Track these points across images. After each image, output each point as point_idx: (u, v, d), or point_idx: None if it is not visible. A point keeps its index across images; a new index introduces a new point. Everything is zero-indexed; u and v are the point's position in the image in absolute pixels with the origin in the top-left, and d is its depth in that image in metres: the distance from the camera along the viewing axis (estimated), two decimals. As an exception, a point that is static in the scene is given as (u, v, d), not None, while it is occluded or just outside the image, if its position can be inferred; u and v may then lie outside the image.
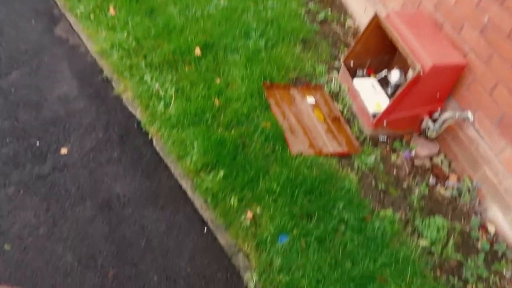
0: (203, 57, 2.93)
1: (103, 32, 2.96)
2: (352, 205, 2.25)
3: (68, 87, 2.58)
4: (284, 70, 3.00)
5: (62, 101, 2.48)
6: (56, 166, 2.15)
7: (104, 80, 2.70)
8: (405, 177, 2.59)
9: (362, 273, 1.96)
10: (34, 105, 2.43)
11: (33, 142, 2.23)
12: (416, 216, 2.33)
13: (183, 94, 2.65)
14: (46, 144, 2.23)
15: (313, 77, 3.11)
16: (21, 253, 1.82)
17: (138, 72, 2.74)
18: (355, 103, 2.91)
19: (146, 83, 2.68)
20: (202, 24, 3.17)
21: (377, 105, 2.76)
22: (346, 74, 3.00)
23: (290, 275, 1.90)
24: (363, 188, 2.44)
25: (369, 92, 2.87)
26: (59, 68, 2.70)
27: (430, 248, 2.19)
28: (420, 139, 2.82)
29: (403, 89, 2.44)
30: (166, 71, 2.79)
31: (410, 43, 2.42)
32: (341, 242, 2.08)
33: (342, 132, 2.76)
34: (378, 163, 2.60)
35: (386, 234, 2.16)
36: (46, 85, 2.57)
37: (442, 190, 2.55)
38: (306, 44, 3.34)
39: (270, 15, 3.43)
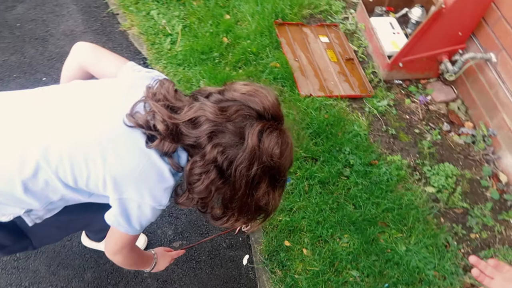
0: (213, -8, 2.78)
1: (108, -37, 2.82)
2: (359, 150, 2.20)
3: (73, 22, 2.52)
4: (297, 7, 2.83)
5: (68, 36, 2.43)
6: (61, 102, 2.16)
7: (110, 14, 2.61)
8: (418, 123, 2.50)
9: (364, 217, 1.96)
10: (41, 40, 2.39)
11: (39, 77, 2.23)
12: (425, 163, 2.27)
13: (190, 30, 2.55)
14: (52, 79, 2.23)
15: (328, 15, 2.94)
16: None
17: (144, 7, 2.63)
18: (371, 43, 2.75)
19: (153, 19, 2.58)
20: (212, -45, 2.97)
21: (394, 44, 2.60)
22: (363, 12, 2.81)
23: (291, 216, 1.92)
24: (372, 133, 2.37)
25: (387, 31, 2.70)
26: (64, 2, 2.61)
27: (436, 195, 2.16)
28: (437, 84, 2.68)
29: (422, 25, 2.27)
30: (173, 6, 2.67)
31: (434, -24, 2.21)
32: (345, 186, 2.06)
33: (355, 74, 2.64)
34: (390, 108, 2.51)
35: (391, 179, 2.13)
36: (52, 19, 2.51)
37: (455, 137, 2.46)
38: (324, -21, 3.11)
39: None
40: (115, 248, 1.08)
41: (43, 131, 0.93)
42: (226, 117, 0.89)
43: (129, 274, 1.71)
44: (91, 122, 0.94)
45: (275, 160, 0.93)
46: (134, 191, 0.94)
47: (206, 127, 0.89)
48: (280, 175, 0.98)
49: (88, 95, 0.99)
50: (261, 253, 1.81)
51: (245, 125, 0.90)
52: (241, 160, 0.90)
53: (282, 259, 1.78)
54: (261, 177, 0.94)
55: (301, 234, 1.87)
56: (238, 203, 0.98)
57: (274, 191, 1.00)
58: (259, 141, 0.90)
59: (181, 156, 0.96)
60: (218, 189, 0.95)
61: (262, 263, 1.78)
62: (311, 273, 1.75)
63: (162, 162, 0.94)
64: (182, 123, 0.91)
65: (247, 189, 0.94)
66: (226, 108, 0.90)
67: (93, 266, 1.70)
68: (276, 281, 1.73)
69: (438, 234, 1.97)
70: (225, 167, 0.91)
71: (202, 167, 0.92)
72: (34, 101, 0.99)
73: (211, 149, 0.90)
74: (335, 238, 1.89)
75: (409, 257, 1.86)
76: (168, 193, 0.98)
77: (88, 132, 0.93)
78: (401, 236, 1.94)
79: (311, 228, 1.89)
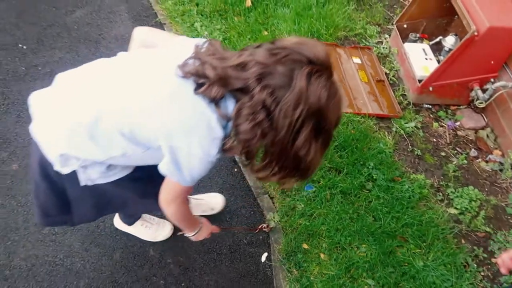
0: (253, 9, 2.96)
1: (160, -22, 3.07)
2: (383, 166, 2.25)
3: (124, 28, 2.75)
4: (333, 28, 2.96)
5: (118, 40, 2.66)
6: (107, 97, 2.35)
7: (158, 23, 2.83)
8: (444, 146, 2.53)
9: (383, 229, 2.00)
10: (94, 42, 2.62)
11: (89, 74, 2.44)
12: (449, 185, 2.29)
13: (230, 43, 2.72)
14: (100, 77, 2.43)
15: (362, 39, 3.05)
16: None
17: (189, 19, 2.84)
18: (403, 67, 2.83)
19: (196, 30, 2.78)
20: (256, -23, 3.17)
21: (425, 69, 2.67)
22: (397, 37, 2.90)
23: (311, 221, 1.98)
24: (397, 152, 2.42)
25: (419, 56, 2.77)
26: (118, 10, 2.86)
27: (458, 216, 2.17)
28: (467, 111, 2.71)
29: (454, 51, 2.33)
30: (216, 20, 2.87)
31: (468, 3, 2.29)
32: (366, 199, 2.11)
33: (385, 95, 2.71)
34: (417, 129, 2.56)
35: (413, 196, 2.16)
36: (105, 24, 2.75)
37: (482, 163, 2.47)
38: (360, 4, 3.25)
39: (326, -28, 3.34)
40: (168, 197, 1.16)
41: (109, 88, 1.08)
42: (276, 60, 0.93)
43: (154, 258, 1.81)
44: (147, 80, 1.05)
45: (322, 103, 0.94)
46: (184, 140, 1.01)
47: (255, 69, 0.93)
48: (325, 123, 0.98)
49: (144, 59, 1.12)
50: (279, 252, 1.87)
51: (294, 68, 0.92)
52: (287, 99, 0.92)
53: (299, 260, 1.84)
54: (305, 121, 0.95)
55: (319, 239, 1.93)
56: (278, 148, 0.99)
57: (316, 141, 0.99)
58: (307, 82, 0.91)
59: (228, 106, 1.00)
60: (263, 132, 0.97)
61: (280, 261, 1.84)
62: (327, 277, 1.79)
63: (210, 111, 0.98)
64: (230, 67, 0.95)
65: (289, 132, 0.95)
66: (276, 53, 0.94)
67: (122, 247, 1.82)
68: (292, 280, 1.78)
69: (458, 254, 1.97)
70: (272, 109, 0.93)
71: (250, 107, 0.94)
72: (107, 65, 1.14)
73: (260, 91, 0.92)
74: (353, 247, 1.93)
75: (426, 272, 1.87)
76: (216, 144, 1.02)
77: (144, 85, 1.05)
78: (419, 251, 1.96)
79: (330, 234, 1.94)
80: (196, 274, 1.79)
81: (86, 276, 1.73)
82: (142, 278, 1.75)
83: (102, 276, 1.74)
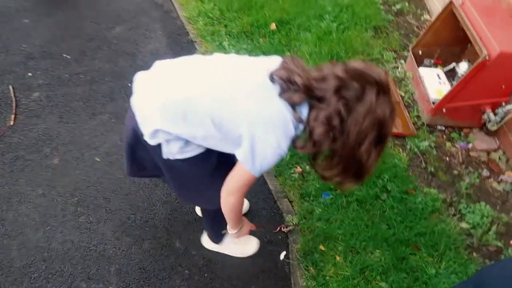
0: (278, 32, 3.18)
1: (192, 1, 3.34)
2: (397, 178, 2.36)
3: (159, 43, 2.98)
4: (351, 52, 3.15)
5: (153, 54, 2.89)
6: (142, 104, 2.55)
7: (189, 41, 3.07)
8: (457, 165, 2.63)
9: (396, 237, 2.09)
10: (131, 55, 2.86)
11: (126, 83, 2.65)
12: (461, 201, 2.38)
13: (255, 61, 2.93)
14: (136, 86, 2.64)
15: (379, 63, 3.22)
16: (108, 165, 2.21)
17: (218, 38, 3.07)
18: (418, 90, 2.98)
19: (224, 48, 2.99)
20: (281, 3, 3.42)
21: (439, 92, 2.81)
22: (412, 62, 3.07)
23: (328, 225, 2.08)
24: (411, 168, 2.53)
25: (433, 80, 2.92)
26: (154, 28, 3.11)
27: (470, 231, 2.24)
28: (479, 134, 2.82)
29: (466, 74, 2.48)
30: (242, 40, 3.09)
31: (480, 30, 2.45)
32: (380, 208, 2.21)
33: (400, 115, 2.85)
34: (431, 148, 2.67)
35: (426, 209, 2.25)
36: (142, 40, 2.99)
37: (494, 184, 2.55)
38: (378, 32, 3.45)
39: (346, 1, 3.58)
40: (234, 186, 1.30)
41: (204, 75, 1.25)
42: (351, 77, 1.12)
43: (180, 250, 1.93)
44: (241, 76, 1.24)
45: (386, 116, 1.13)
46: (264, 133, 1.17)
47: (334, 82, 1.12)
48: (384, 133, 1.16)
49: (236, 59, 1.32)
50: (297, 252, 1.97)
51: (365, 85, 1.11)
52: (359, 111, 1.11)
53: (316, 260, 1.94)
54: (369, 131, 1.13)
55: (335, 242, 2.03)
56: (345, 153, 1.17)
57: (375, 148, 1.17)
58: (376, 99, 1.10)
59: (303, 111, 1.18)
60: (334, 137, 1.15)
61: (297, 260, 1.94)
62: (342, 277, 1.88)
63: (288, 112, 1.16)
64: (313, 79, 1.14)
65: (357, 138, 1.13)
66: (351, 71, 1.13)
67: (150, 238, 1.95)
68: (308, 277, 1.88)
69: (469, 264, 2.04)
70: (345, 117, 1.12)
71: (326, 114, 1.13)
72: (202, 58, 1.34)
73: (337, 101, 1.11)
74: (367, 251, 2.02)
75: (438, 279, 1.95)
76: (288, 140, 1.19)
77: (237, 81, 1.22)
78: (431, 260, 2.03)
79: (345, 238, 2.04)
80: (219, 266, 1.90)
81: (116, 262, 1.86)
82: (168, 267, 1.86)
83: (131, 263, 1.86)
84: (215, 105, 1.21)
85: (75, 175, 2.14)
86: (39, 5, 3.07)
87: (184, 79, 1.26)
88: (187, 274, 1.86)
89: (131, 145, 1.43)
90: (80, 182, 2.12)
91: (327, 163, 1.26)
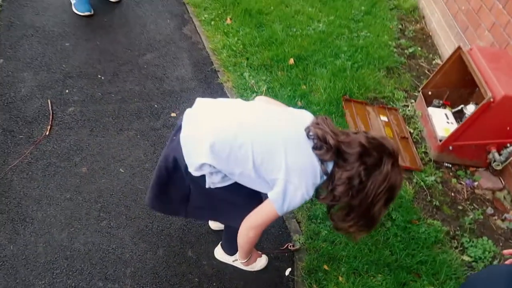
0: (295, 67, 3.40)
1: (218, 35, 3.62)
2: (402, 208, 2.47)
3: (185, 71, 3.23)
4: (364, 89, 3.34)
5: (179, 80, 3.12)
6: (165, 123, 2.75)
7: (213, 70, 3.31)
8: (462, 201, 2.72)
9: (399, 263, 2.17)
10: (158, 79, 3.10)
11: (153, 104, 2.87)
12: (464, 235, 2.45)
13: (272, 91, 3.13)
14: (161, 107, 2.86)
15: (390, 101, 3.40)
16: (131, 176, 2.39)
17: (240, 69, 3.30)
18: (426, 127, 3.12)
19: (244, 78, 3.22)
20: (300, 41, 3.67)
21: (446, 131, 2.94)
22: (422, 102, 3.23)
23: (333, 246, 2.19)
24: (416, 200, 2.63)
25: (441, 119, 3.06)
26: (181, 57, 3.38)
27: (472, 263, 2.31)
28: (485, 173, 2.92)
29: (472, 114, 2.62)
30: (262, 72, 3.32)
31: (486, 74, 2.61)
32: (385, 234, 2.31)
33: (408, 150, 2.99)
34: (437, 183, 2.77)
35: (429, 239, 2.34)
36: (169, 67, 3.25)
37: (498, 222, 2.63)
38: (390, 72, 3.65)
39: (361, 43, 3.82)
40: (258, 221, 1.46)
41: (249, 118, 1.44)
42: (372, 147, 1.32)
43: (191, 259, 2.05)
44: (281, 125, 1.43)
45: (397, 183, 1.35)
46: (297, 179, 1.34)
47: (358, 149, 1.32)
48: (394, 196, 1.39)
49: (276, 109, 1.54)
50: (302, 269, 2.07)
51: (383, 155, 1.32)
52: (377, 177, 1.32)
53: (320, 278, 2.03)
54: (383, 195, 1.34)
55: (339, 263, 2.12)
56: (361, 210, 1.37)
57: (385, 207, 1.39)
58: (392, 168, 1.32)
59: (329, 165, 1.37)
60: (353, 195, 1.34)
61: (302, 277, 2.04)
62: (344, 296, 1.96)
63: (318, 165, 1.36)
64: (342, 142, 1.34)
65: (373, 201, 1.34)
66: (372, 141, 1.33)
67: (165, 246, 2.08)
68: (311, 294, 1.96)
69: (469, 295, 2.09)
70: (364, 180, 1.32)
71: (348, 174, 1.32)
72: (244, 102, 1.54)
73: (359, 165, 1.31)
74: (369, 275, 2.10)
75: (437, 306, 2.01)
76: (313, 188, 1.38)
77: (278, 130, 1.40)
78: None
79: (349, 260, 2.13)
80: (227, 277, 2.01)
81: (132, 265, 1.98)
82: (180, 274, 1.98)
83: (146, 267, 1.99)
84: (259, 149, 1.37)
85: (101, 183, 2.32)
86: (79, 31, 3.38)
87: (232, 121, 1.43)
88: (197, 282, 1.97)
89: (169, 173, 1.56)
90: (105, 190, 2.29)
91: (343, 216, 1.44)
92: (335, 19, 4.09)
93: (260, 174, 1.39)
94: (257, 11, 3.96)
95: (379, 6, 4.53)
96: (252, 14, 3.90)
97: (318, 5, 4.32)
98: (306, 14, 4.11)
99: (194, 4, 4.01)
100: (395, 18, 4.41)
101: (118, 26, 3.54)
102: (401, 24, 4.36)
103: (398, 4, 4.65)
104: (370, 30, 4.06)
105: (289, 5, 4.22)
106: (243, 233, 1.51)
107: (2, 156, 2.36)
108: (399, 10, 4.58)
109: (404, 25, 4.37)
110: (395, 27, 4.25)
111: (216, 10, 3.93)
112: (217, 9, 3.94)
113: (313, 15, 4.12)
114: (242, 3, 4.02)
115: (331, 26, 3.98)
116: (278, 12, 4.04)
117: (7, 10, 3.44)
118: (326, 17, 4.12)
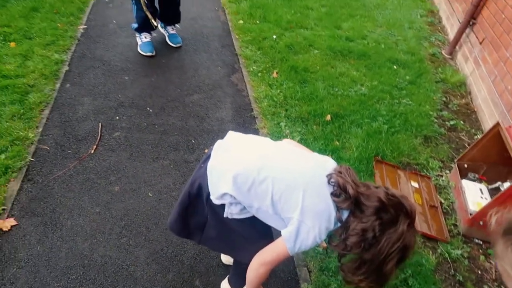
0: (331, 123, 3.51)
1: (263, 86, 3.86)
2: (421, 277, 2.38)
3: (225, 113, 3.45)
4: (397, 153, 3.35)
5: (218, 121, 3.34)
6: (198, 158, 2.92)
7: (252, 116, 3.50)
8: (489, 281, 2.57)
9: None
10: (200, 118, 3.33)
11: (190, 139, 3.07)
12: (487, 318, 2.30)
13: (305, 143, 3.24)
14: (197, 143, 3.05)
15: (423, 168, 3.36)
16: (157, 201, 2.53)
17: (277, 119, 3.47)
18: (458, 199, 3.03)
19: (280, 127, 3.37)
20: (339, 100, 3.81)
21: (478, 205, 2.85)
22: (457, 173, 3.17)
23: (340, 302, 2.14)
24: (438, 271, 2.52)
25: (475, 193, 2.98)
26: (224, 101, 3.62)
27: None
28: (519, 256, 2.75)
29: (505, 191, 2.54)
30: (298, 124, 3.45)
31: (521, 152, 2.56)
32: (398, 300, 2.22)
33: (436, 220, 2.90)
34: (463, 258, 2.65)
35: (446, 314, 2.21)
36: (212, 108, 3.49)
37: (529, 310, 2.43)
38: (428, 141, 3.63)
39: (401, 109, 3.88)
40: (269, 258, 1.48)
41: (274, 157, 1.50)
42: (390, 204, 1.34)
43: None
44: (304, 166, 1.48)
45: (411, 244, 1.35)
46: (311, 221, 1.37)
47: (376, 204, 1.34)
48: (406, 257, 1.38)
49: (301, 151, 1.63)
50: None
51: (400, 214, 1.34)
52: (392, 235, 1.32)
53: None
54: (396, 254, 1.34)
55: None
56: (373, 266, 1.37)
57: (396, 267, 1.38)
58: (407, 229, 1.33)
59: (344, 213, 1.40)
60: (365, 247, 1.35)
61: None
62: None
63: (334, 212, 1.38)
64: (362, 194, 1.37)
65: (385, 258, 1.34)
66: (391, 198, 1.35)
67: (175, 271, 2.15)
68: None
69: None
70: (378, 236, 1.33)
71: (363, 227, 1.34)
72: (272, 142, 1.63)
73: (375, 219, 1.33)
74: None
75: None
76: (326, 233, 1.40)
77: (300, 171, 1.46)
78: None
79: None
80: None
81: (141, 284, 2.06)
82: (184, 301, 2.02)
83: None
84: (279, 186, 1.43)
85: (129, 203, 2.48)
86: (139, 68, 3.77)
87: (257, 156, 1.48)
88: (199, 312, 1.99)
89: (191, 198, 1.64)
90: (131, 209, 2.44)
91: (354, 269, 1.43)
92: (378, 84, 4.22)
93: (276, 210, 1.44)
94: (303, 69, 4.19)
95: (425, 77, 4.61)
96: (297, 71, 4.14)
97: (364, 70, 4.49)
98: (350, 76, 4.28)
99: (245, 56, 4.34)
100: (439, 90, 4.45)
101: (173, 68, 3.90)
102: (446, 97, 4.38)
103: (445, 77, 4.70)
104: (412, 98, 4.12)
105: (335, 66, 4.43)
106: (253, 268, 1.53)
107: (50, 166, 2.61)
108: (445, 83, 4.62)
109: (449, 98, 4.39)
110: (438, 99, 4.28)
111: (265, 63, 4.22)
112: (266, 62, 4.23)
113: (356, 78, 4.28)
114: (290, 60, 4.28)
115: (373, 90, 4.10)
116: (323, 72, 4.25)
117: (82, 44, 3.94)
118: (370, 82, 4.26)
